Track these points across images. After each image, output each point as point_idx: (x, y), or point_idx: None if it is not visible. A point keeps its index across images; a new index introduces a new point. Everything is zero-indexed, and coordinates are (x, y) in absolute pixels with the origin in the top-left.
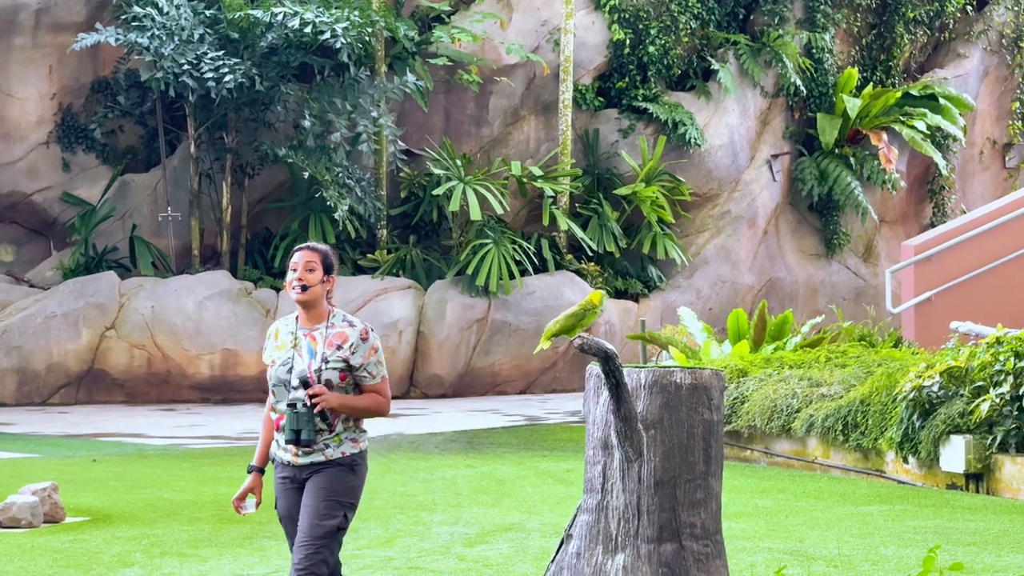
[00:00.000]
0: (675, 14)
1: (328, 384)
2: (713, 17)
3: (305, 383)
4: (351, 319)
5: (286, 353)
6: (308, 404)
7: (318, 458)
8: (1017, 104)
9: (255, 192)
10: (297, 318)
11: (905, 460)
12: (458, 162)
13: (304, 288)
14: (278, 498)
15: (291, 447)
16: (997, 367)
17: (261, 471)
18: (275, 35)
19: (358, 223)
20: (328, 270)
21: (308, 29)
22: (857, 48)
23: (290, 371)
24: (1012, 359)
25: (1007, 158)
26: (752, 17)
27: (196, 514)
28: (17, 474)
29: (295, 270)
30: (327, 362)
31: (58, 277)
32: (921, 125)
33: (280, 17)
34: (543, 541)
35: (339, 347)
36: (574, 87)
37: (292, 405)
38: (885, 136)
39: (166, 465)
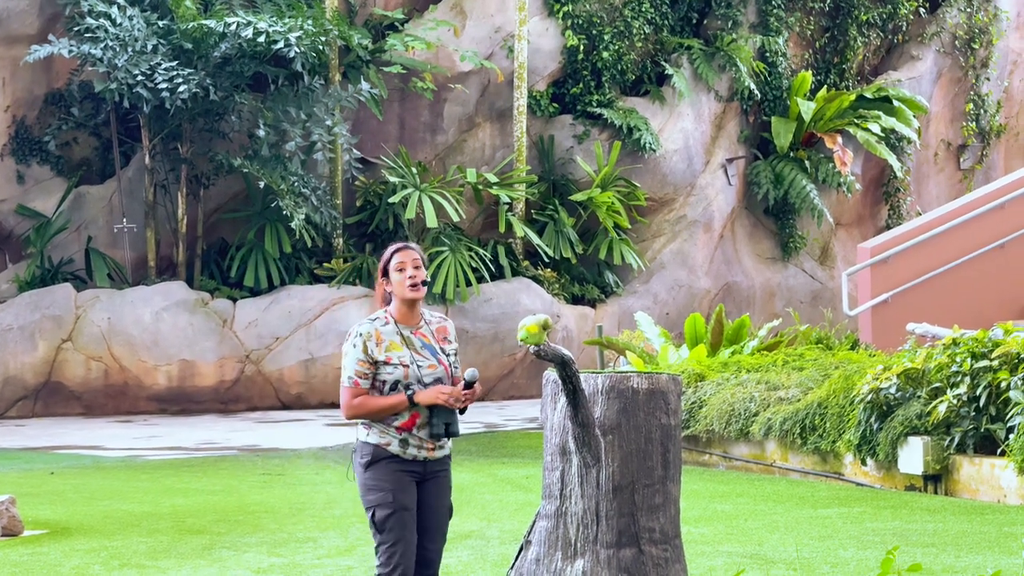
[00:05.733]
0: (628, 19)
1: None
2: (667, 22)
3: (439, 380)
4: (433, 312)
5: (405, 353)
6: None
7: (446, 452)
8: (971, 106)
9: (211, 202)
10: (387, 319)
11: (863, 462)
12: (413, 170)
13: (424, 284)
14: (400, 491)
15: (431, 441)
16: (954, 368)
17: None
18: (228, 45)
19: (314, 232)
20: (425, 266)
21: (261, 39)
22: (811, 51)
23: (419, 368)
24: (968, 360)
25: (961, 160)
26: (705, 22)
27: (155, 525)
28: None
29: (402, 270)
30: (448, 356)
31: (14, 290)
32: (875, 127)
33: (233, 27)
34: (502, 548)
35: (447, 340)
36: (528, 93)
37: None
38: (840, 139)
39: (124, 477)
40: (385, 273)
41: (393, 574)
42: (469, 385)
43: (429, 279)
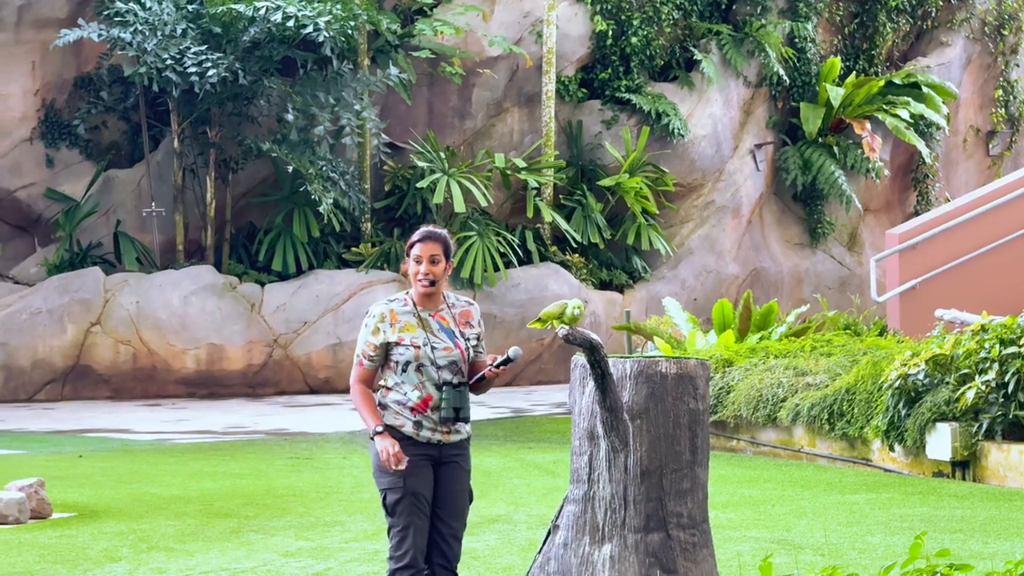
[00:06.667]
0: (657, 4)
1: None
2: (695, 7)
3: (454, 363)
4: (459, 296)
5: (419, 334)
6: (465, 383)
7: (463, 436)
8: (1000, 92)
9: (239, 186)
10: (407, 300)
11: (891, 448)
12: (442, 155)
13: (432, 283)
14: (411, 476)
15: (444, 425)
16: (982, 354)
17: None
18: (258, 29)
19: (342, 217)
20: (448, 255)
21: (291, 23)
22: (840, 37)
23: (433, 350)
24: (997, 346)
25: (990, 146)
26: (735, 7)
27: (183, 509)
28: (3, 470)
29: (419, 262)
30: (467, 340)
31: (43, 273)
32: (904, 113)
33: (263, 11)
34: (530, 532)
35: (469, 324)
36: (557, 79)
37: (452, 384)
38: (868, 125)
39: (152, 460)
40: (409, 253)
41: (404, 558)
42: (506, 362)
43: (452, 268)
